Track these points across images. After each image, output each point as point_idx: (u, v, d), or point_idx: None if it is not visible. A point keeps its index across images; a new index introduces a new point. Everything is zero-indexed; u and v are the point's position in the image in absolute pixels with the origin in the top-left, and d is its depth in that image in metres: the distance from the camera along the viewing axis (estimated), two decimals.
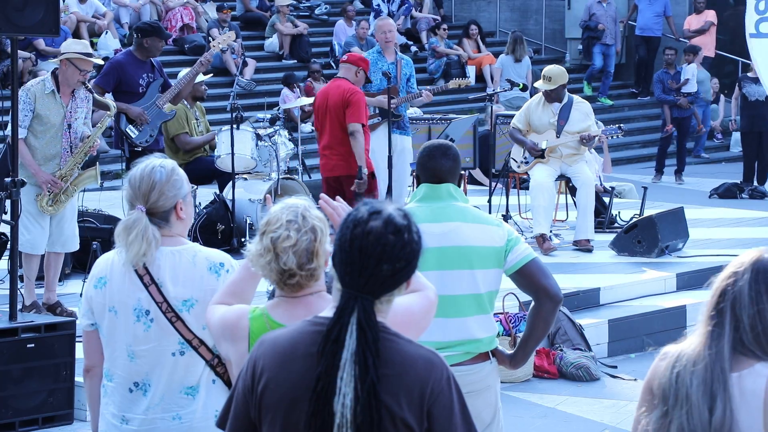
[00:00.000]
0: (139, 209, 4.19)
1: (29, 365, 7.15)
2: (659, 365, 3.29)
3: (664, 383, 3.23)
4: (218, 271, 4.25)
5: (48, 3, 7.46)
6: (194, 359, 4.25)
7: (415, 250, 3.07)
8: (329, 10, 22.76)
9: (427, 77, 20.69)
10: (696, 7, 21.98)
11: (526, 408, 8.12)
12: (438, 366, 3.06)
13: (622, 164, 19.95)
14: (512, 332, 8.48)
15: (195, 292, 4.21)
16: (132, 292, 4.24)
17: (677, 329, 9.51)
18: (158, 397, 4.26)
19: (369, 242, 3.00)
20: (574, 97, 11.48)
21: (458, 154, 5.10)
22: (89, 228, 10.09)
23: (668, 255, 11.06)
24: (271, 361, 3.09)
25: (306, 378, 3.01)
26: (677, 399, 3.19)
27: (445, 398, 3.03)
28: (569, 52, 23.20)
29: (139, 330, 4.24)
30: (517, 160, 11.61)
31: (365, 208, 3.07)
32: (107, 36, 19.07)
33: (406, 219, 3.07)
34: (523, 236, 11.48)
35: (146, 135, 10.10)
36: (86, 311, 4.35)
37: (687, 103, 18.31)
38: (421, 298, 3.63)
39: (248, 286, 3.86)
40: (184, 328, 4.22)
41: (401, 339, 3.07)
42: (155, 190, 4.22)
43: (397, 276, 3.05)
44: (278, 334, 3.16)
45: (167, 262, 4.23)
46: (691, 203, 14.09)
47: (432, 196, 4.97)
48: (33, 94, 8.50)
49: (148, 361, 4.25)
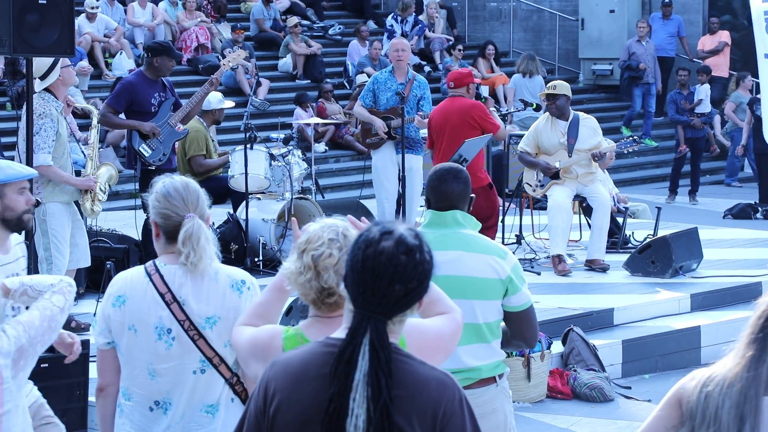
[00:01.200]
0: (191, 216, 4.21)
1: (43, 385, 7.09)
2: (688, 384, 3.28)
3: (692, 402, 3.23)
4: (240, 289, 4.26)
5: (63, 24, 7.49)
6: (214, 377, 4.27)
7: (427, 270, 3.07)
8: (343, 30, 22.83)
9: (440, 97, 20.71)
10: (710, 28, 21.98)
11: (539, 429, 8.10)
12: (450, 387, 3.06)
13: (636, 184, 19.94)
14: (526, 353, 8.46)
15: (218, 310, 4.23)
16: (153, 310, 4.24)
17: (691, 350, 9.54)
18: (179, 416, 4.27)
19: (381, 263, 3.00)
20: (579, 114, 11.45)
21: (469, 177, 5.11)
22: (103, 248, 10.12)
23: (682, 275, 11.03)
24: (282, 383, 3.09)
25: (317, 399, 3.00)
26: (704, 418, 3.19)
27: (457, 419, 3.03)
28: (582, 72, 23.22)
29: (160, 348, 4.24)
30: (531, 184, 11.56)
31: (377, 228, 3.07)
32: (122, 56, 19.14)
33: (417, 239, 3.07)
34: (536, 255, 11.59)
35: (159, 154, 10.12)
36: (103, 330, 4.34)
37: (701, 123, 18.29)
38: (449, 321, 3.65)
39: (275, 308, 3.88)
40: (206, 346, 4.24)
41: (414, 360, 3.07)
42: (200, 198, 4.28)
43: (410, 296, 3.05)
44: (290, 355, 3.16)
45: (189, 280, 4.23)
46: (705, 224, 14.06)
47: (437, 223, 4.97)
48: (56, 117, 8.52)
49: (170, 379, 4.26)
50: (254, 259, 10.85)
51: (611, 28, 22.75)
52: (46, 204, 8.53)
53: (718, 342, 9.44)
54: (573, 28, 23.52)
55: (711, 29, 21.91)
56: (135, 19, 19.95)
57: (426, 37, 22.76)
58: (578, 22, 23.26)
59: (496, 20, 24.50)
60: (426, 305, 3.61)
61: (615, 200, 12.74)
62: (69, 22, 7.57)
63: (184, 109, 10.26)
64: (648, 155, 21.00)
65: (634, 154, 12.05)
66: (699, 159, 18.45)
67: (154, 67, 10.15)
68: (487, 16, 24.64)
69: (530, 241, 12.13)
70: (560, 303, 9.92)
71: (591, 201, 11.33)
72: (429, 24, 22.93)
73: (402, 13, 22.17)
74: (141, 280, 4.28)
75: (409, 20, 22.39)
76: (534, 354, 8.52)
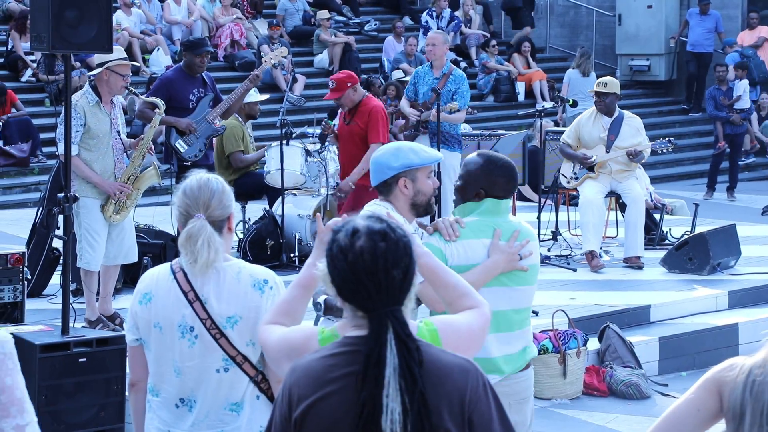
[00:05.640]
0: (199, 217, 4.20)
1: (81, 379, 7.18)
2: (728, 373, 3.17)
3: (737, 397, 3.12)
4: (262, 288, 4.25)
5: (101, 20, 7.51)
6: (238, 376, 4.27)
7: (407, 243, 3.09)
8: (379, 26, 22.86)
9: (476, 93, 20.72)
10: (749, 23, 21.85)
11: (576, 426, 8.10)
12: (473, 373, 3.07)
13: (673, 180, 19.88)
14: (561, 349, 8.47)
15: (239, 309, 4.22)
16: (177, 309, 4.25)
17: (729, 347, 9.50)
18: (204, 413, 4.28)
19: (367, 261, 3.02)
20: (624, 113, 11.45)
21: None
22: (140, 243, 10.15)
23: (720, 272, 11.01)
24: (305, 389, 3.07)
25: (345, 399, 2.99)
26: (755, 418, 3.09)
27: (483, 405, 3.04)
28: (620, 68, 23.13)
29: (184, 346, 4.26)
30: (567, 176, 11.60)
31: (340, 234, 3.09)
32: (158, 52, 19.26)
33: (380, 221, 3.10)
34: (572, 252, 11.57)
35: (195, 150, 10.17)
36: (131, 326, 4.37)
37: (740, 119, 18.19)
38: (479, 315, 3.64)
39: (300, 305, 3.85)
40: (228, 345, 4.23)
41: (432, 348, 3.09)
42: (215, 198, 4.24)
43: (408, 276, 3.07)
44: (310, 359, 3.14)
45: (212, 279, 4.24)
46: (743, 220, 14.03)
47: (495, 211, 5.02)
48: (81, 108, 8.55)
49: (194, 377, 4.27)
50: (290, 255, 10.88)
51: (648, 23, 22.65)
52: (81, 198, 8.59)
53: (755, 339, 9.41)
54: (610, 24, 23.44)
55: (750, 24, 21.78)
56: (172, 16, 20.07)
57: (462, 33, 22.76)
58: (615, 17, 23.18)
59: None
60: (454, 299, 3.68)
61: (651, 197, 12.70)
62: (107, 18, 7.59)
63: (223, 105, 10.29)
64: (685, 151, 20.91)
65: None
66: (738, 155, 18.35)
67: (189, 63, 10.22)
68: None
69: (566, 238, 12.13)
70: (597, 300, 9.92)
71: (624, 197, 11.34)
72: (465, 20, 22.92)
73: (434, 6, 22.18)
74: (166, 278, 4.30)
75: (444, 16, 22.39)
76: (570, 351, 8.52)
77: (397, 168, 4.85)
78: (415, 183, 4.87)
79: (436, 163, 5.06)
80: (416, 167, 4.87)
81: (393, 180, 4.87)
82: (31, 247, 9.84)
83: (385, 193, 4.92)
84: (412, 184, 4.87)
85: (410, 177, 4.86)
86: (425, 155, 4.92)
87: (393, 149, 4.93)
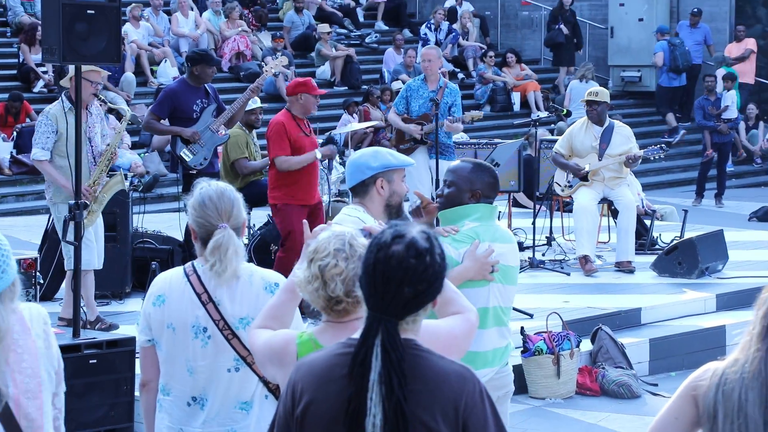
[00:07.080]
0: (224, 227, 4.26)
1: (91, 380, 7.24)
2: (702, 382, 3.25)
3: (709, 401, 3.21)
4: (273, 291, 4.30)
5: (110, 33, 7.54)
6: (248, 375, 4.36)
7: (438, 272, 3.06)
8: (379, 39, 23.07)
9: (473, 103, 20.94)
10: (736, 36, 22.12)
11: (568, 424, 8.18)
12: (470, 380, 3.07)
13: (664, 187, 19.99)
14: (555, 350, 8.56)
15: (251, 311, 4.27)
16: (190, 310, 4.32)
17: (717, 348, 9.51)
18: (215, 412, 4.36)
19: (391, 267, 3.01)
20: (615, 122, 11.63)
21: None
22: (148, 248, 10.38)
23: (708, 276, 11.10)
24: (309, 384, 3.11)
25: (342, 399, 3.03)
26: (726, 414, 3.17)
27: (478, 411, 3.04)
28: (612, 79, 23.37)
29: (197, 346, 4.34)
30: (561, 184, 11.78)
31: (390, 231, 3.07)
32: (166, 64, 19.45)
33: (428, 242, 3.06)
34: (566, 257, 11.78)
35: (200, 158, 10.26)
36: (144, 328, 4.43)
37: (727, 128, 18.45)
38: (463, 321, 3.66)
39: (288, 309, 3.87)
40: (240, 346, 4.32)
41: (433, 355, 3.07)
42: (235, 206, 4.32)
43: (420, 298, 3.04)
44: (314, 357, 3.19)
45: (224, 281, 4.32)
46: (730, 226, 14.09)
47: (490, 216, 5.23)
48: (53, 116, 8.74)
49: (206, 376, 4.35)
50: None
51: (640, 36, 22.86)
52: (57, 204, 8.75)
53: None
54: (603, 36, 23.65)
55: (737, 37, 22.03)
56: (179, 29, 20.26)
57: (459, 45, 22.97)
58: (608, 30, 23.40)
59: (527, 28, 24.67)
60: (440, 305, 3.54)
61: (642, 203, 12.88)
62: (116, 31, 7.59)
63: (227, 114, 10.41)
64: (675, 159, 21.10)
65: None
66: (725, 163, 18.58)
67: (195, 75, 10.37)
68: (519, 25, 24.80)
69: (560, 243, 12.28)
70: (589, 303, 10.02)
71: (617, 204, 11.47)
72: (462, 32, 23.12)
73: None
74: (179, 281, 4.35)
75: (443, 29, 22.61)
76: (564, 352, 8.57)
77: (376, 168, 4.94)
78: (391, 184, 4.97)
79: (409, 167, 5.19)
80: (394, 168, 4.98)
81: (371, 180, 4.96)
82: (43, 252, 9.99)
83: (360, 194, 4.99)
84: (389, 185, 4.97)
85: (387, 178, 4.96)
86: (401, 158, 5.07)
87: (371, 151, 5.06)
